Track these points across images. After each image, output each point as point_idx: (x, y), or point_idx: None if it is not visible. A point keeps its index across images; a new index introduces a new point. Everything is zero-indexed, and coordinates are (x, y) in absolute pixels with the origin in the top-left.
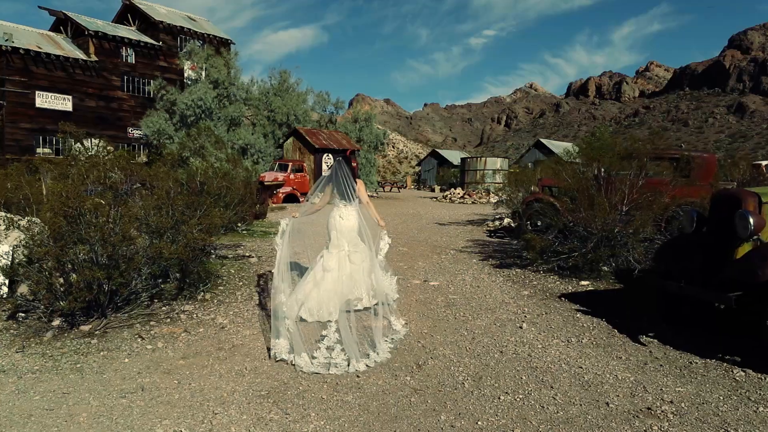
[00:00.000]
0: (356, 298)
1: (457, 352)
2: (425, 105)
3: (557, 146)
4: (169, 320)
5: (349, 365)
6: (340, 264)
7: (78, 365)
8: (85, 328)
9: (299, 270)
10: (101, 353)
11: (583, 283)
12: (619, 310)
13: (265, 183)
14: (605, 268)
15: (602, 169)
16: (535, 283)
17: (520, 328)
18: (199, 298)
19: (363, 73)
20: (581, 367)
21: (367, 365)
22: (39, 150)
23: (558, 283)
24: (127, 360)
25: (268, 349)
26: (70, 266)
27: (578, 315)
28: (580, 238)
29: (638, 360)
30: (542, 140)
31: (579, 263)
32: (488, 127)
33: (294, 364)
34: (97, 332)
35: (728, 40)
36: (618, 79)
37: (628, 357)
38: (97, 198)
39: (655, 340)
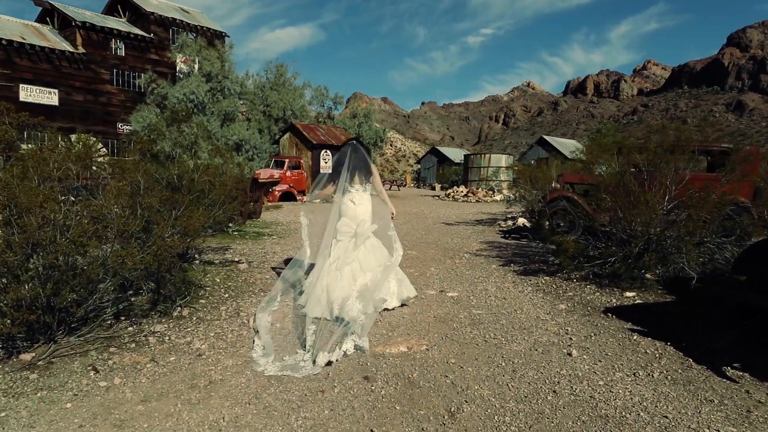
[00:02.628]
0: (380, 299)
1: (498, 391)
2: (423, 104)
3: (561, 143)
4: (134, 345)
5: (315, 363)
6: (354, 253)
7: (2, 414)
8: (27, 356)
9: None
10: (38, 394)
11: (628, 294)
12: (681, 329)
13: (260, 180)
14: (649, 275)
15: (644, 163)
16: (570, 294)
17: (569, 355)
18: (174, 314)
19: (360, 72)
20: (666, 417)
21: (330, 360)
22: (24, 146)
23: (597, 294)
24: (69, 405)
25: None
26: (3, 280)
27: (635, 337)
28: (619, 241)
29: (736, 405)
30: (545, 137)
31: (619, 270)
32: (486, 125)
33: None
34: (40, 362)
35: (727, 38)
36: (616, 77)
37: (721, 401)
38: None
39: (747, 374)
